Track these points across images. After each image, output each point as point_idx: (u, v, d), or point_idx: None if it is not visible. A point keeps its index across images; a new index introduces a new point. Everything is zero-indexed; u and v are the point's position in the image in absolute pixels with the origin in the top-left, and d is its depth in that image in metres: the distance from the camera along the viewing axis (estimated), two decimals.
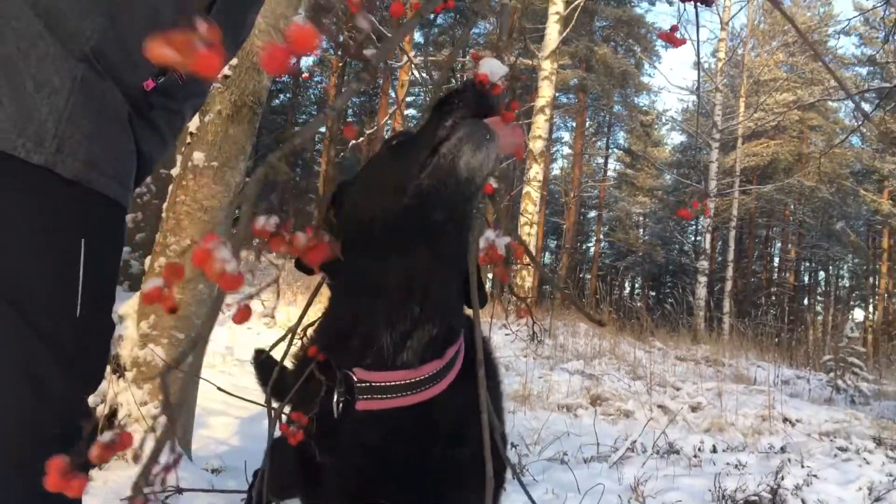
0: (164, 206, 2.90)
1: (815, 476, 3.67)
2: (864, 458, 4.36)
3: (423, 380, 1.17)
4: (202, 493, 2.41)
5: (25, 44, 1.20)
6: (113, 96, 1.27)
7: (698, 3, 1.12)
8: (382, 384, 1.17)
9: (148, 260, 2.84)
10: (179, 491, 2.37)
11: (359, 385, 1.17)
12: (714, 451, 4.53)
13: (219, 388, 1.83)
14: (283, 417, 1.18)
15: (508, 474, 1.39)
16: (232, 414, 4.58)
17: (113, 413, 2.66)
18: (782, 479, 3.26)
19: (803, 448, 4.76)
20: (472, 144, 1.02)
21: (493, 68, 0.95)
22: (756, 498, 3.12)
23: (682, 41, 1.11)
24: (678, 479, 3.52)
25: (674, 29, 1.10)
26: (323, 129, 36.31)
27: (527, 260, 1.03)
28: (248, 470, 2.60)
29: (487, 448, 0.70)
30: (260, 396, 4.30)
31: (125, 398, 2.67)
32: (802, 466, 3.80)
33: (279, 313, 9.40)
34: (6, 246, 1.19)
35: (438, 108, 1.08)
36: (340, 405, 1.17)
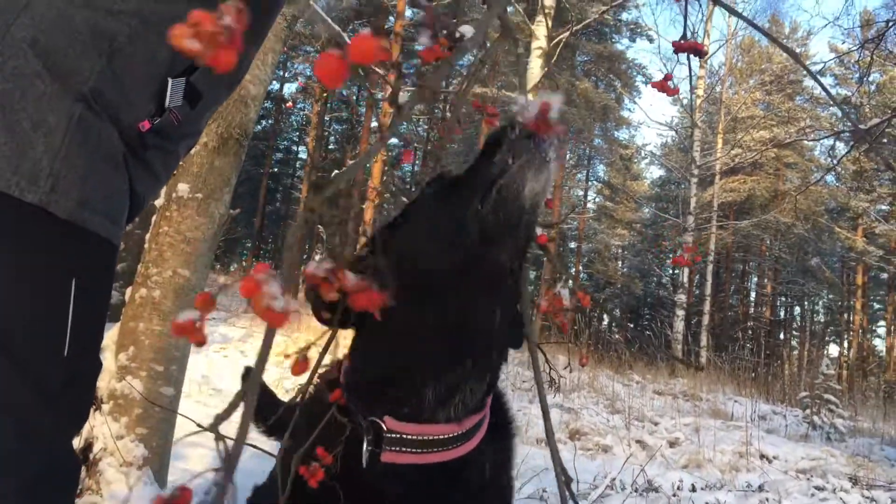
0: (147, 236, 2.88)
1: None
2: (841, 498, 4.39)
3: (459, 435, 1.11)
4: None
5: (23, 82, 1.20)
6: (109, 136, 1.28)
7: (690, 55, 1.14)
8: (418, 437, 1.09)
9: (129, 290, 2.82)
10: None
11: (388, 436, 1.09)
12: (693, 489, 4.52)
13: (200, 426, 1.81)
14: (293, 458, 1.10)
15: None
16: (208, 445, 4.51)
17: (88, 446, 2.61)
18: None
19: (781, 486, 4.77)
20: (534, 170, 0.96)
21: (552, 103, 0.85)
22: None
23: (675, 90, 1.13)
24: None
25: (667, 78, 1.12)
26: (304, 156, 36.43)
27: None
28: (239, 492, 2.57)
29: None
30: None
31: (101, 431, 2.62)
32: None
33: (256, 341, 9.30)
34: None
35: (490, 147, 1.03)
36: (367, 454, 1.09)
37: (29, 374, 1.20)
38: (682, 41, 1.12)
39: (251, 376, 0.52)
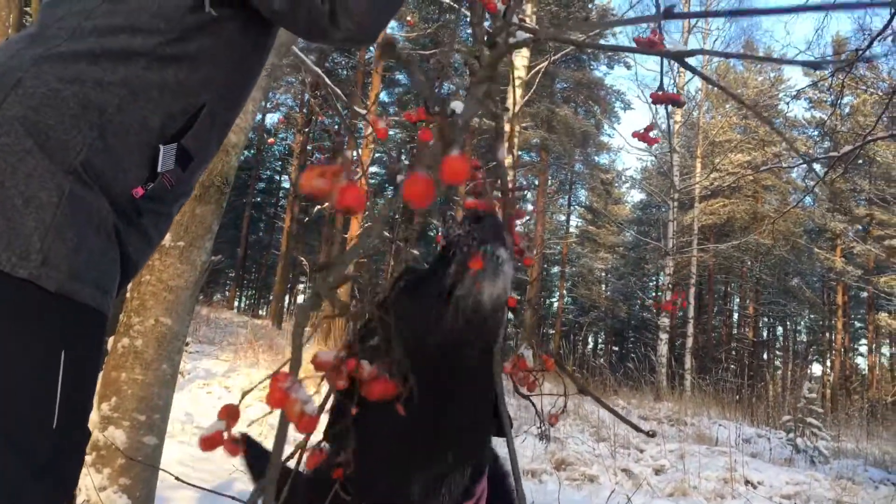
0: (129, 286, 2.89)
1: None
2: None
3: None
4: None
5: (14, 159, 1.23)
6: (99, 207, 1.30)
7: (669, 105, 1.19)
8: None
9: (111, 340, 2.82)
10: None
11: None
12: None
13: (189, 484, 1.82)
14: None
15: None
16: (192, 489, 4.49)
17: (72, 498, 2.60)
18: None
19: None
20: (489, 274, 0.96)
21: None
22: None
23: (657, 140, 1.18)
24: None
25: (648, 129, 1.18)
26: (287, 186, 36.45)
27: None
28: None
29: None
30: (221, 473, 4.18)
31: (84, 483, 2.62)
32: None
33: (239, 376, 9.28)
34: None
35: (443, 253, 1.03)
36: None
37: (16, 446, 1.21)
38: (661, 93, 1.18)
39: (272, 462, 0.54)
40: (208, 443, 0.56)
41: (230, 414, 0.56)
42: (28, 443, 1.24)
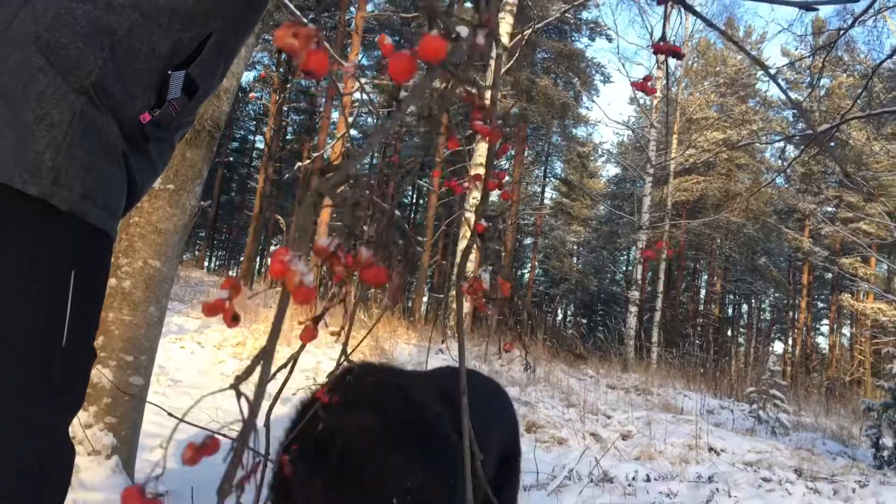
0: (118, 226, 2.87)
1: None
2: (787, 490, 4.57)
3: None
4: None
5: (26, 77, 1.22)
6: (109, 130, 1.30)
7: (668, 56, 1.19)
8: None
9: None
10: None
11: None
12: (647, 479, 4.67)
13: (174, 417, 1.84)
14: None
15: None
16: (173, 437, 4.50)
17: None
18: None
19: (729, 478, 4.95)
20: None
21: None
22: None
23: (654, 90, 1.20)
24: None
25: (647, 79, 1.19)
26: (261, 146, 36.02)
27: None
28: (195, 496, 2.59)
29: (468, 469, 0.75)
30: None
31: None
32: (730, 496, 3.97)
33: (213, 332, 9.24)
34: None
35: None
36: None
37: (28, 365, 1.22)
38: (662, 43, 1.19)
39: (268, 340, 0.56)
40: (210, 309, 0.58)
41: (233, 285, 0.58)
42: (40, 361, 1.25)
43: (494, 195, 1.19)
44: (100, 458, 2.60)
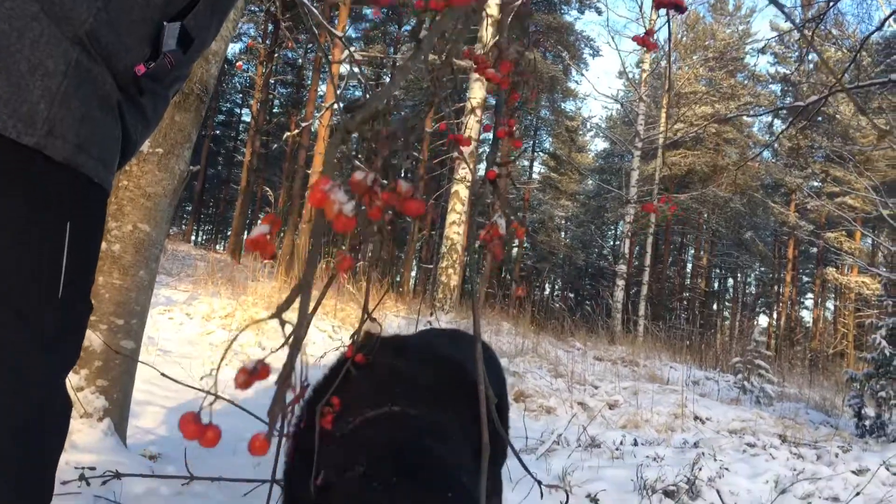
0: None
1: (726, 469, 3.89)
2: (771, 454, 4.65)
3: None
4: (141, 478, 2.40)
5: (20, 24, 1.20)
6: (104, 81, 1.29)
7: (671, 10, 1.19)
8: None
9: None
10: (118, 476, 2.36)
11: None
12: (634, 444, 4.74)
13: (166, 376, 1.85)
14: None
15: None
16: (158, 404, 4.52)
17: None
18: (700, 469, 3.46)
19: (714, 443, 5.02)
20: None
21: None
22: (674, 488, 3.30)
23: (655, 45, 1.20)
24: (602, 470, 3.68)
25: (649, 33, 1.19)
26: (247, 119, 35.70)
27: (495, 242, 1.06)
28: (191, 455, 2.60)
29: (484, 417, 0.76)
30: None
31: None
32: (715, 460, 4.03)
33: (201, 304, 9.22)
34: None
35: None
36: None
37: (25, 317, 1.22)
38: None
39: (305, 272, 0.56)
40: (252, 244, 0.58)
41: (273, 220, 0.59)
42: (36, 315, 1.24)
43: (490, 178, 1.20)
44: (91, 420, 2.60)
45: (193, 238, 37.16)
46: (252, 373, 0.55)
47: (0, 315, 1.19)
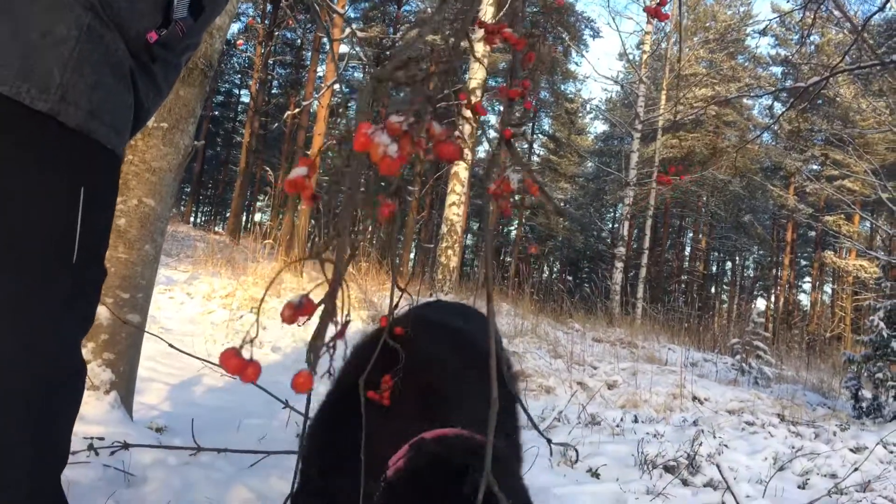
0: None
1: (725, 446, 3.94)
2: (769, 432, 4.69)
3: None
4: (148, 449, 2.42)
5: None
6: (116, 47, 1.29)
7: None
8: None
9: None
10: (126, 446, 2.38)
11: None
12: (635, 420, 4.77)
13: (175, 348, 1.86)
14: None
15: None
16: (162, 381, 4.55)
17: None
18: (700, 445, 3.50)
19: (713, 421, 5.06)
20: None
21: None
22: (675, 463, 3.34)
23: (667, 16, 1.20)
24: (603, 445, 3.72)
25: (662, 3, 1.19)
26: (246, 100, 35.51)
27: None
28: (196, 429, 2.63)
29: (493, 371, 0.77)
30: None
31: None
32: (714, 437, 4.07)
33: (202, 284, 9.23)
34: (7, 189, 1.20)
35: None
36: None
37: (41, 279, 1.23)
38: None
39: (342, 212, 0.57)
40: (292, 185, 0.58)
41: (310, 164, 0.59)
42: (52, 276, 1.25)
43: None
44: (98, 393, 2.62)
45: (192, 219, 37.12)
46: (298, 307, 0.56)
47: (17, 277, 1.20)
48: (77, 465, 2.16)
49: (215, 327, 6.85)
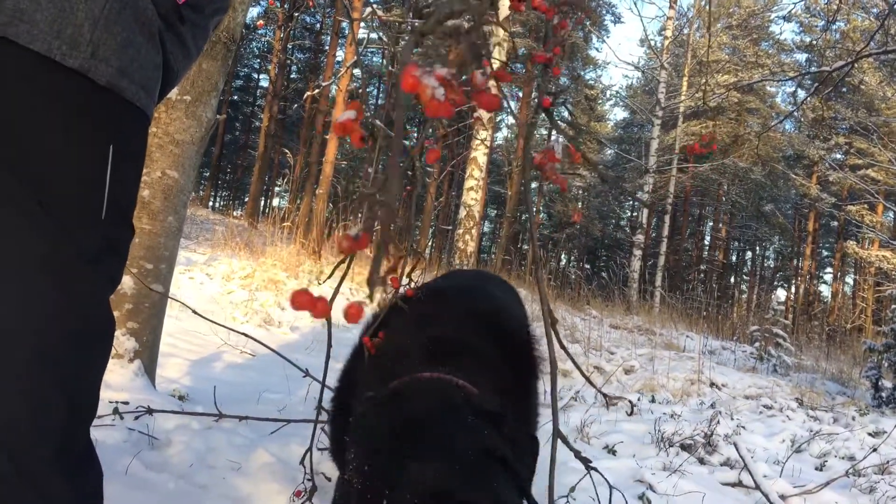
0: None
1: (743, 427, 3.93)
2: (787, 416, 4.67)
3: None
4: (172, 415, 2.46)
5: None
6: (145, 6, 1.30)
7: None
8: None
9: None
10: (150, 412, 2.42)
11: None
12: (653, 401, 4.78)
13: (195, 312, 1.88)
14: None
15: None
16: (183, 356, 4.60)
17: None
18: (717, 423, 3.49)
19: (731, 405, 5.05)
20: None
21: None
22: (691, 442, 3.34)
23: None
24: (619, 424, 3.73)
25: None
26: (265, 84, 35.54)
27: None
28: (217, 399, 2.66)
29: (549, 335, 0.78)
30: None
31: None
32: (732, 419, 4.06)
33: (221, 265, 9.30)
34: (38, 145, 1.22)
35: None
36: None
37: (69, 233, 1.25)
38: None
39: (394, 141, 0.57)
40: (341, 127, 0.60)
41: (357, 107, 0.60)
42: (80, 233, 1.27)
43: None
44: (123, 361, 2.66)
45: (211, 203, 37.36)
46: (355, 239, 0.58)
47: (46, 232, 1.23)
48: (102, 427, 2.20)
49: (235, 307, 6.92)
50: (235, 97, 38.69)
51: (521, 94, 28.51)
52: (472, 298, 1.69)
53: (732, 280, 38.27)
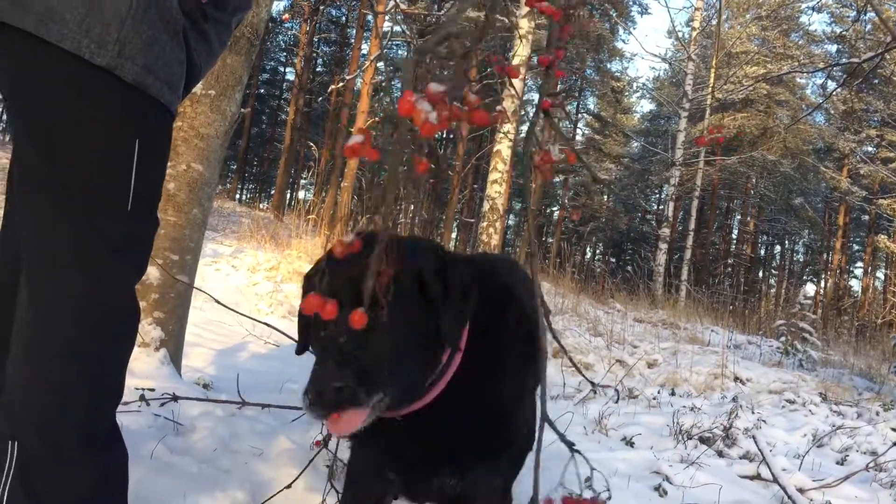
0: None
1: (763, 422, 3.92)
2: (810, 410, 4.65)
3: None
4: (196, 402, 2.53)
5: None
6: (170, 5, 1.35)
7: None
8: None
9: None
10: (175, 398, 2.48)
11: None
12: (672, 394, 4.77)
13: (218, 302, 1.93)
14: None
15: None
16: (207, 346, 4.68)
17: None
18: (737, 416, 3.49)
19: (753, 399, 5.03)
20: None
21: None
22: (710, 435, 3.34)
23: None
24: (638, 416, 3.74)
25: None
26: (291, 78, 35.81)
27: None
28: (241, 388, 2.72)
29: (542, 327, 0.82)
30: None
31: None
32: (753, 412, 4.05)
33: (247, 257, 9.41)
34: (67, 140, 1.28)
35: None
36: None
37: (97, 226, 1.31)
38: None
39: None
40: (351, 150, 0.65)
41: (365, 132, 0.65)
42: (107, 224, 1.33)
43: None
44: (149, 349, 2.73)
45: (238, 196, 37.68)
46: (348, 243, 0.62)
47: (75, 223, 1.28)
48: (129, 413, 2.27)
49: (260, 298, 7.00)
50: (262, 90, 38.93)
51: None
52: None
53: (760, 274, 37.84)
